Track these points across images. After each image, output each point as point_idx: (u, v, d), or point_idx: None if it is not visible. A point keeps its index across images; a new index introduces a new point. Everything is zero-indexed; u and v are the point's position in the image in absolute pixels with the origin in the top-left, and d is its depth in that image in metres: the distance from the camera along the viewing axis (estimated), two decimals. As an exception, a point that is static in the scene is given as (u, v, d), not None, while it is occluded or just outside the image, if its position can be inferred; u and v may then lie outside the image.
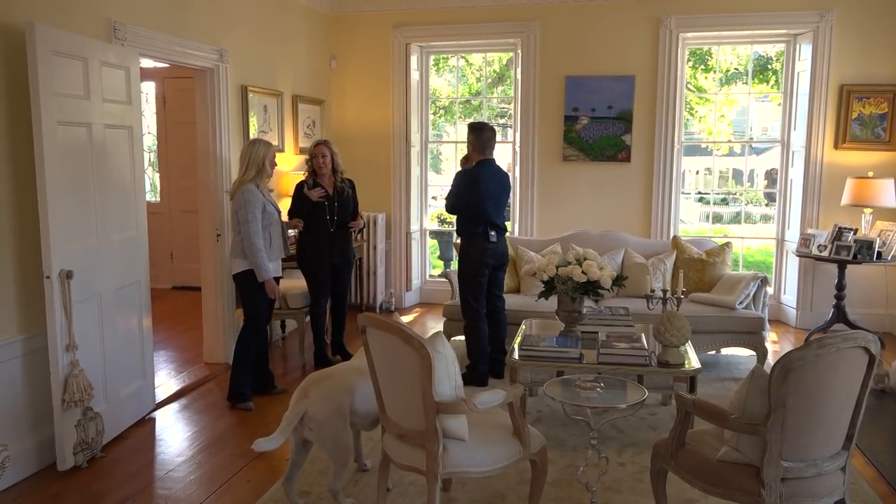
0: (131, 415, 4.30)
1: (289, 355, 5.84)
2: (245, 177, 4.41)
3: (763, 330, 5.16)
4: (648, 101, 6.63)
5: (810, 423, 2.50)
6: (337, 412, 3.10)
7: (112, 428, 4.06)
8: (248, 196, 4.35)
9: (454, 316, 5.36)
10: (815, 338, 2.80)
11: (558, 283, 4.20)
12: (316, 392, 3.11)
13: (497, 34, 6.93)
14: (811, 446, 2.54)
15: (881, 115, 6.16)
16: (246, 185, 4.39)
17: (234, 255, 4.49)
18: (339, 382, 3.17)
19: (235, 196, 4.42)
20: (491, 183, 4.87)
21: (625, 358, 3.77)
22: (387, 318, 2.81)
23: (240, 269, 4.47)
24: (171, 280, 8.10)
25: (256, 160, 4.42)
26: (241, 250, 4.43)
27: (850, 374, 2.54)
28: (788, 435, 2.48)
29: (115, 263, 4.11)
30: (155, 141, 8.31)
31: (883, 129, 6.17)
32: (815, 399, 2.47)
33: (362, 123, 7.28)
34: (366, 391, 3.15)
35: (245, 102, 5.62)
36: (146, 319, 4.46)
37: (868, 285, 6.27)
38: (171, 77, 7.76)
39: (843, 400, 2.57)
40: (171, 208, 8.13)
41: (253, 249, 4.37)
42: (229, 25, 5.43)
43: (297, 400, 3.11)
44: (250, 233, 4.35)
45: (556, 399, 3.06)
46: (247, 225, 4.35)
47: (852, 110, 6.19)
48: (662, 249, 5.86)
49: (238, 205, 4.38)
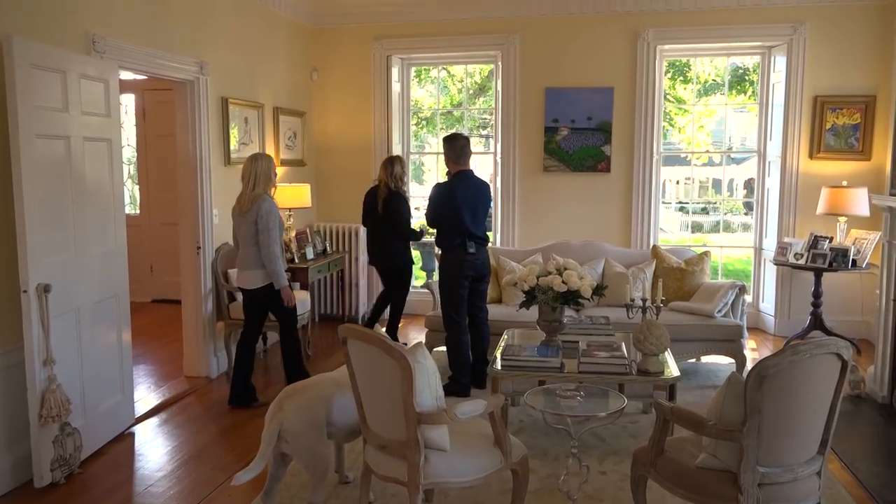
0: (110, 430, 4.26)
1: (270, 368, 5.82)
2: (257, 190, 4.54)
3: (741, 338, 5.23)
4: (627, 112, 6.72)
5: (786, 429, 2.55)
6: (312, 424, 3.09)
7: (90, 443, 4.02)
8: (270, 206, 4.52)
9: (436, 327, 5.38)
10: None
11: (539, 293, 4.24)
12: (290, 404, 3.11)
13: (477, 46, 7.00)
14: (787, 451, 2.58)
15: (854, 125, 6.29)
16: (264, 196, 4.53)
17: (252, 267, 4.57)
18: (315, 394, 3.17)
19: (255, 207, 4.50)
20: (467, 194, 4.90)
21: (605, 367, 3.80)
22: (368, 330, 2.83)
23: (263, 282, 4.58)
24: (150, 293, 8.04)
25: (264, 173, 4.57)
26: (259, 261, 4.53)
27: (824, 380, 2.59)
28: (764, 441, 2.53)
29: (94, 277, 4.08)
30: (134, 153, 8.27)
31: (856, 140, 6.30)
32: (789, 405, 2.52)
33: (344, 135, 7.30)
34: (343, 402, 3.16)
35: (225, 114, 5.62)
36: (125, 333, 4.43)
37: (844, 293, 6.38)
38: (151, 89, 7.74)
39: (817, 405, 2.62)
40: (151, 221, 8.08)
41: (272, 257, 4.49)
42: (209, 38, 5.44)
43: (272, 415, 3.10)
44: (271, 241, 4.47)
45: (537, 408, 3.08)
46: (270, 233, 4.47)
47: (826, 121, 6.32)
48: (642, 259, 5.92)
49: (261, 214, 4.48)
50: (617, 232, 6.82)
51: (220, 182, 5.56)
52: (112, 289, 4.27)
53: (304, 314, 5.71)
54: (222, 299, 5.48)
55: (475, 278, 5.00)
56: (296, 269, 6.05)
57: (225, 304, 5.48)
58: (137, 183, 8.31)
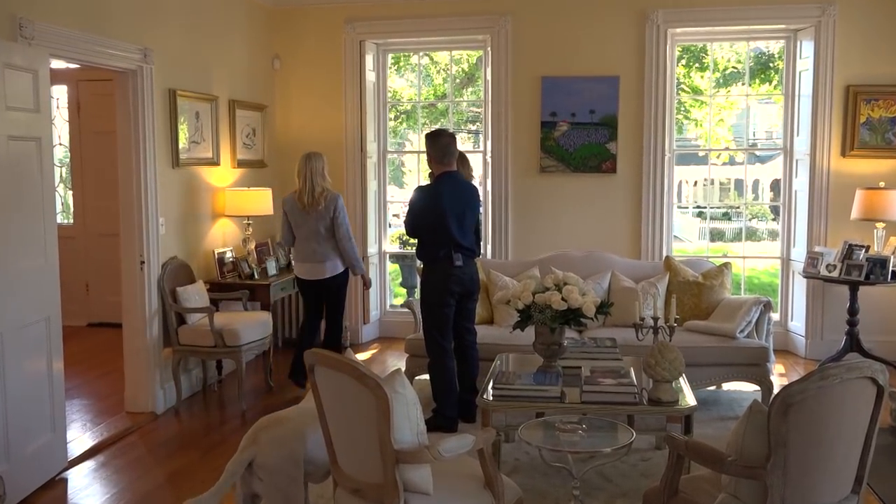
0: (39, 475, 4.23)
1: (226, 402, 5.81)
2: (317, 188, 5.50)
3: (768, 361, 5.29)
4: (635, 104, 6.80)
5: (815, 464, 2.59)
6: (290, 459, 3.12)
7: (16, 491, 3.98)
8: (341, 201, 5.63)
9: (418, 352, 5.40)
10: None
11: (535, 312, 4.27)
12: (266, 436, 3.14)
13: (463, 30, 7.07)
14: (817, 490, 2.62)
15: (892, 118, 6.40)
16: (335, 193, 5.60)
17: (330, 257, 5.60)
18: (293, 427, 3.20)
19: (330, 201, 5.53)
20: (453, 198, 4.94)
21: (611, 396, 3.83)
22: (338, 356, 2.85)
23: (336, 271, 5.65)
24: (86, 316, 8.00)
25: (318, 172, 5.53)
26: (331, 253, 5.58)
27: (858, 409, 2.64)
28: (791, 478, 2.57)
29: (20, 297, 4.07)
30: (67, 154, 8.25)
31: (894, 135, 6.41)
32: (819, 437, 2.57)
33: (310, 131, 7.33)
34: (320, 438, 3.18)
35: (173, 108, 5.64)
36: (57, 362, 4.41)
37: (883, 309, 6.47)
38: (87, 80, 7.74)
39: (850, 437, 2.66)
40: (87, 231, 8.06)
41: (352, 245, 5.62)
42: (155, 21, 5.47)
43: (244, 447, 3.13)
44: (349, 232, 5.62)
45: (534, 444, 3.11)
46: (347, 226, 5.60)
47: (860, 114, 6.43)
48: (654, 272, 5.98)
49: (339, 209, 5.57)
50: (624, 241, 6.89)
51: (167, 186, 5.57)
52: (41, 311, 4.25)
53: (263, 339, 5.72)
54: (170, 322, 5.47)
55: (462, 295, 5.02)
56: (255, 287, 6.07)
57: (173, 327, 5.47)
58: (71, 188, 8.29)
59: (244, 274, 6.20)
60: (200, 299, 5.63)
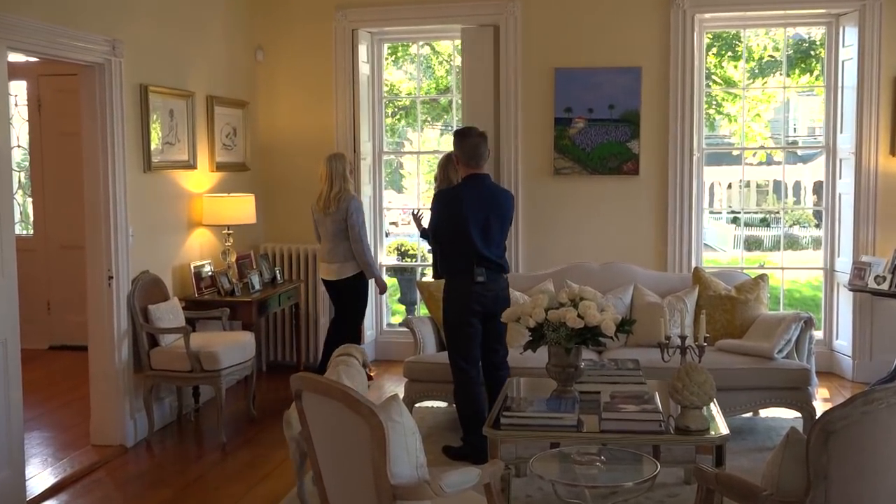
0: (-5, 516, 4.26)
1: (204, 433, 5.82)
2: (334, 190, 6.03)
3: (809, 385, 5.29)
4: (660, 98, 6.83)
5: (859, 499, 2.60)
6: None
7: (-31, 534, 4.01)
8: (359, 203, 6.21)
9: (418, 376, 5.41)
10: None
11: (548, 331, 4.27)
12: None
13: (467, 16, 7.10)
14: (862, 528, 2.63)
15: (946, 112, 6.42)
16: (352, 195, 6.12)
17: (343, 259, 6.12)
18: None
19: (343, 206, 6.03)
20: (478, 203, 4.93)
21: (634, 424, 3.83)
22: (328, 380, 2.87)
23: (354, 271, 6.15)
24: (47, 337, 8.02)
25: (339, 174, 6.06)
26: (345, 255, 6.09)
27: (907, 437, 2.65)
28: (833, 514, 2.58)
29: (-25, 317, 4.09)
30: (27, 157, 8.30)
31: (949, 131, 6.42)
32: (863, 468, 2.58)
33: (297, 131, 7.36)
34: None
35: (145, 106, 5.68)
36: (14, 390, 4.42)
37: (940, 325, 6.47)
38: (49, 75, 7.78)
39: (899, 469, 2.67)
40: (48, 243, 8.08)
41: (366, 249, 6.12)
42: (125, 10, 5.51)
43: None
44: (364, 235, 6.12)
45: (547, 478, 3.13)
46: (363, 228, 6.12)
47: (911, 107, 6.45)
48: (681, 285, 5.99)
49: (350, 213, 6.04)
50: (648, 251, 6.90)
51: (138, 193, 5.59)
52: (-2, 332, 4.29)
53: (245, 363, 5.72)
54: (141, 344, 5.49)
55: (486, 314, 4.98)
56: (236, 304, 6.09)
57: (145, 349, 5.49)
58: (31, 195, 8.33)
59: (224, 290, 6.21)
60: (175, 318, 5.64)
